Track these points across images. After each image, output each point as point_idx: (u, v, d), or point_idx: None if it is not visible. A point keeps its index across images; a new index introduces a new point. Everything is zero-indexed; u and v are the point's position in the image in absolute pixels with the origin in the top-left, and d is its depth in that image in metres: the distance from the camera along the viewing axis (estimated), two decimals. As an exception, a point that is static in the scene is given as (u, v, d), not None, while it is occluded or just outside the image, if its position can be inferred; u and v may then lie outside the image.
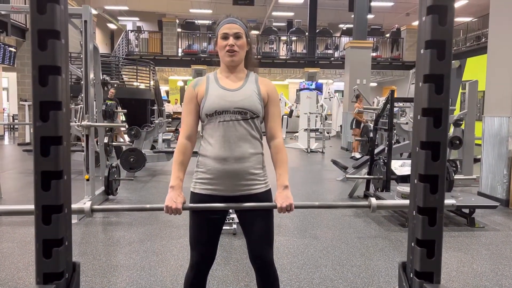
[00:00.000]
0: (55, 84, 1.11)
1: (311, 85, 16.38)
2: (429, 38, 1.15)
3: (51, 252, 1.17)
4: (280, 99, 16.15)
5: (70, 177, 1.22)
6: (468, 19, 16.35)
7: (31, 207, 1.23)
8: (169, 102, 17.83)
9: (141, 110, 12.62)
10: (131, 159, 6.18)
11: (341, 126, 13.20)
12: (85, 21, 4.34)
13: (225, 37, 1.71)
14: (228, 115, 1.69)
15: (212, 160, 1.72)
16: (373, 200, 1.62)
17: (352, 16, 12.31)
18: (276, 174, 1.74)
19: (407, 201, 1.48)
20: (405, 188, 4.12)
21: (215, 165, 1.71)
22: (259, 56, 18.08)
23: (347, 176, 5.59)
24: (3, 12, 4.42)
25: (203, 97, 1.72)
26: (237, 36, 1.71)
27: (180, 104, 19.08)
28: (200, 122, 1.80)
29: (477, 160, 6.22)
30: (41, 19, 1.08)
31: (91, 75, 4.53)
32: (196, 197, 1.76)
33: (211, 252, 1.79)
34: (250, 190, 1.74)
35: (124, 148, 6.83)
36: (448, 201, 1.41)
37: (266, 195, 1.79)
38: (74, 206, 1.54)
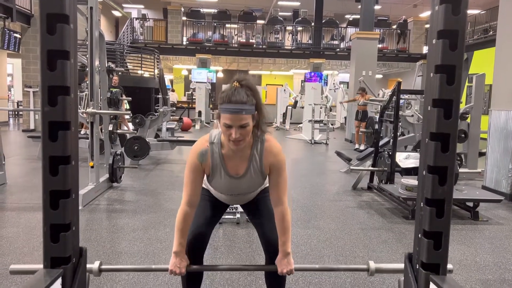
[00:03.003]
0: (64, 69, 1.10)
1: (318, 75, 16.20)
2: (441, 28, 1.13)
3: (59, 237, 1.17)
4: (285, 90, 16.09)
5: (78, 162, 1.22)
6: (476, 12, 16.16)
7: (40, 266, 1.23)
8: (173, 91, 17.76)
9: (145, 98, 12.61)
10: (135, 147, 6.19)
11: (345, 117, 13.15)
12: (91, 8, 4.32)
13: (228, 126, 1.55)
14: (233, 196, 1.87)
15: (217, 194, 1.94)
16: (372, 264, 1.65)
17: (359, 6, 12.18)
18: (280, 241, 1.75)
19: None
20: (410, 181, 4.11)
21: (220, 196, 1.94)
22: (264, 46, 17.99)
23: (351, 167, 5.58)
24: (8, -2, 4.40)
25: (210, 174, 1.75)
26: (241, 127, 1.55)
27: (184, 93, 19.04)
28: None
29: (482, 154, 6.19)
30: (50, 2, 1.07)
31: (97, 62, 4.53)
32: (202, 190, 1.90)
33: (207, 231, 1.86)
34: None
35: (128, 136, 6.84)
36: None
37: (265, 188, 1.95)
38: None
